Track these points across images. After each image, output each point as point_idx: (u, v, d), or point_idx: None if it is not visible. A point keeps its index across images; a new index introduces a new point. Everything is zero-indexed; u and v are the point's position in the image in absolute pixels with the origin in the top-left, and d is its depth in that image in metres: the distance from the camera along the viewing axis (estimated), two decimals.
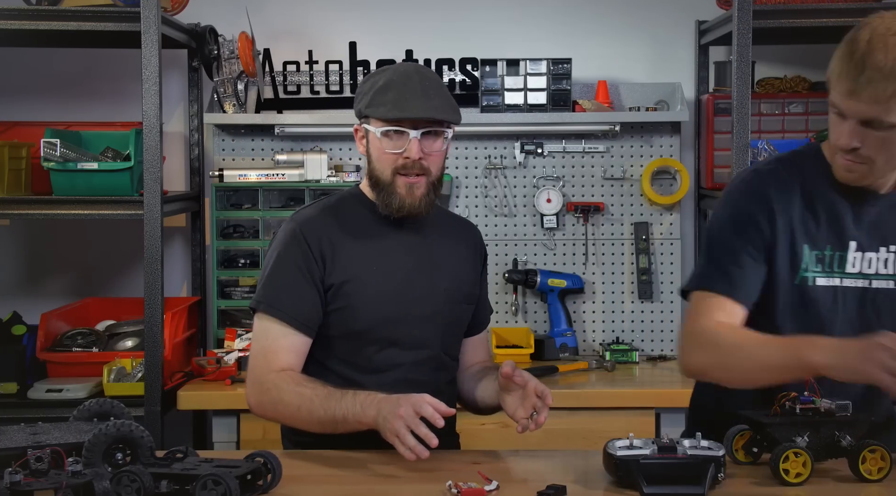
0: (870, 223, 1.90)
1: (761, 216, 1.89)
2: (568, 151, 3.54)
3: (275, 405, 1.99)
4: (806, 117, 3.42)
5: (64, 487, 1.50)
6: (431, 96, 2.04)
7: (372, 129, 2.06)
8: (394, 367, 2.10)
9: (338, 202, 2.17)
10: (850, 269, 1.89)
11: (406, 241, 2.13)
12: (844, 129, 1.76)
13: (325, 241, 2.07)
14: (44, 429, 1.75)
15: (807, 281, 1.89)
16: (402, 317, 2.10)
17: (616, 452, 1.71)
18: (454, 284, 2.18)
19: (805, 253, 1.89)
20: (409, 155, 2.04)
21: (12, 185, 3.12)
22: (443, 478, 1.81)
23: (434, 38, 3.56)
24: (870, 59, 1.71)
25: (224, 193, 3.43)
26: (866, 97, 1.71)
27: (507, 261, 3.56)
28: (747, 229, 1.89)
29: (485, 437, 2.93)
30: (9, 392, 3.08)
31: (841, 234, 1.89)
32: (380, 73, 2.10)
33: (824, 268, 1.89)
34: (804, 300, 1.90)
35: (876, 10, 3.03)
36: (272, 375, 2.00)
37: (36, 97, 3.57)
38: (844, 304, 1.89)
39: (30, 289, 3.64)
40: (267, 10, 3.56)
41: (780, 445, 1.72)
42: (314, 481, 1.79)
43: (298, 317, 2.04)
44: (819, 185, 1.91)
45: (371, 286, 2.08)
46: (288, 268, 2.05)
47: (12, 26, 3.00)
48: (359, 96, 2.11)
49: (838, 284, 1.89)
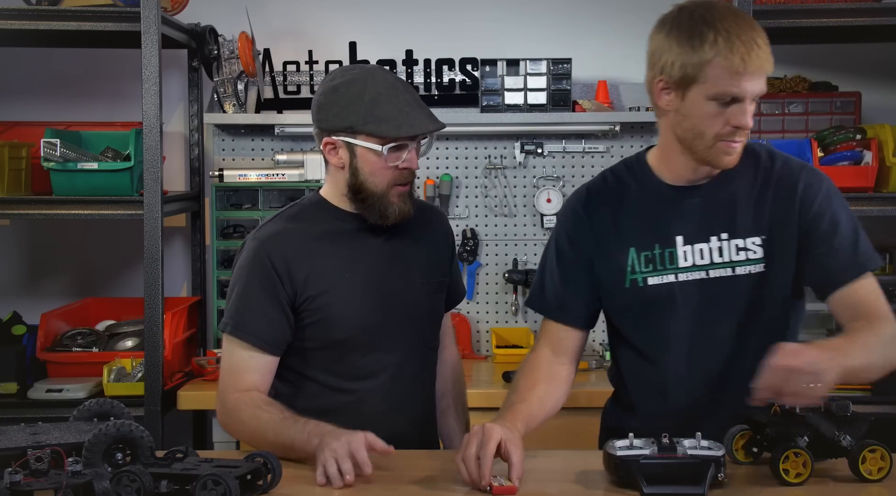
0: (695, 214, 1.92)
1: (577, 235, 1.99)
2: (568, 151, 3.54)
3: (235, 424, 2.00)
4: (806, 117, 3.42)
5: (64, 487, 1.50)
6: (423, 106, 2.04)
7: (371, 145, 1.99)
8: (380, 370, 2.09)
9: (300, 213, 2.12)
10: (682, 264, 1.91)
11: (376, 243, 2.10)
12: (738, 111, 1.80)
13: (291, 257, 2.03)
14: (44, 429, 1.75)
15: (637, 282, 1.93)
16: (383, 320, 2.08)
17: (616, 452, 1.71)
18: (428, 275, 2.16)
19: (631, 255, 1.93)
20: (411, 166, 2.03)
21: (12, 185, 3.12)
22: (442, 478, 1.81)
23: (434, 38, 3.56)
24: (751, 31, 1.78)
25: (224, 193, 3.43)
26: (759, 72, 1.78)
27: (507, 261, 3.56)
28: (569, 251, 2.00)
29: None
30: (9, 392, 3.08)
31: (667, 230, 1.93)
32: (355, 83, 2.00)
33: (655, 267, 1.92)
34: (639, 301, 1.94)
35: (876, 10, 3.05)
36: (235, 395, 2.00)
37: (36, 97, 3.57)
38: (685, 299, 1.91)
39: (30, 289, 3.64)
40: (267, 10, 3.56)
41: (780, 445, 1.72)
42: (314, 481, 1.79)
43: (263, 338, 2.02)
44: (642, 190, 1.96)
45: (346, 294, 2.05)
46: (252, 289, 2.03)
47: (12, 26, 3.00)
48: (336, 109, 2.01)
49: (674, 280, 1.92)
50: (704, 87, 1.80)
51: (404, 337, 2.11)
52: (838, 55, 3.55)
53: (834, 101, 3.46)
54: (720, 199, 1.92)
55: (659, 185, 1.95)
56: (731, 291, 1.90)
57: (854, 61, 3.57)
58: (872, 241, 1.92)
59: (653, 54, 1.87)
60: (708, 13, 1.81)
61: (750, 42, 1.77)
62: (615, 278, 1.95)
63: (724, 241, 1.90)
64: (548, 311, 2.05)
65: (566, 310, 2.03)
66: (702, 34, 1.79)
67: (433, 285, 2.18)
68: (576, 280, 2.00)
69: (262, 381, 2.03)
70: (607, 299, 1.99)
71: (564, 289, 2.01)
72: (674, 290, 1.92)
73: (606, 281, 1.97)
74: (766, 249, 1.89)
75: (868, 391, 2.94)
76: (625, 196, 1.98)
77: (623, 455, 1.70)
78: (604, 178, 2.04)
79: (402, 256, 2.12)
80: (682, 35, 1.81)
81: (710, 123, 1.83)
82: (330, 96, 2.03)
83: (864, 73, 3.57)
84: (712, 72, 1.79)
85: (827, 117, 3.44)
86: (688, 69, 1.80)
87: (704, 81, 1.80)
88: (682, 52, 1.81)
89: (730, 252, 1.90)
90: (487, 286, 3.57)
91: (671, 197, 1.94)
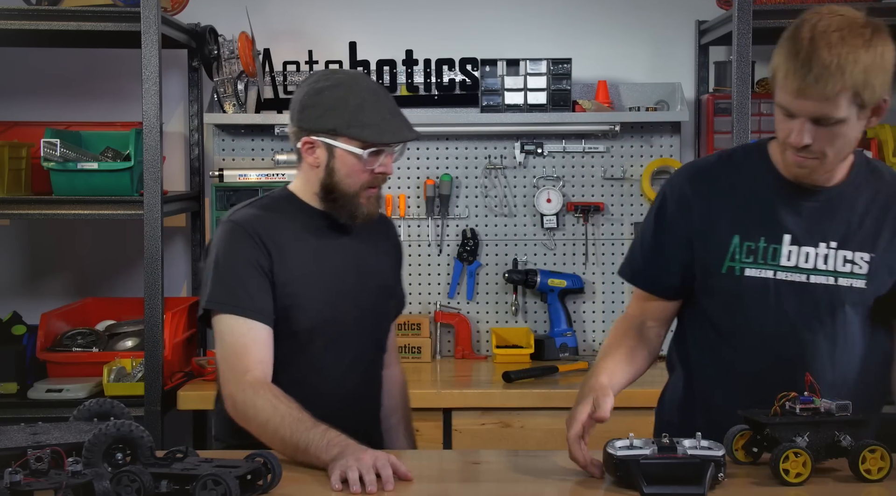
0: (809, 217, 1.90)
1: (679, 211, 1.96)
2: (568, 151, 3.54)
3: (249, 410, 1.94)
4: None
5: (64, 487, 1.50)
6: (401, 114, 2.12)
7: (351, 148, 2.05)
8: (336, 365, 2.13)
9: (271, 204, 2.16)
10: (784, 262, 1.90)
11: (337, 242, 2.16)
12: (794, 126, 1.78)
13: (268, 238, 2.06)
14: (44, 429, 1.75)
15: (734, 270, 1.91)
16: (342, 316, 2.13)
17: (616, 452, 1.71)
18: (381, 280, 2.24)
19: (734, 243, 1.91)
20: (387, 171, 2.11)
21: (12, 185, 3.12)
22: (442, 479, 1.81)
23: (434, 38, 3.56)
24: (815, 57, 1.72)
25: (224, 193, 3.43)
26: (815, 95, 1.73)
27: (507, 261, 3.56)
28: (668, 224, 1.98)
29: (485, 437, 2.94)
30: (9, 392, 3.08)
31: (776, 226, 1.91)
32: (338, 87, 2.07)
33: (756, 260, 1.90)
34: (731, 289, 1.92)
35: (876, 10, 3.05)
36: (248, 376, 1.96)
37: (36, 97, 3.57)
38: (778, 297, 1.90)
39: (30, 289, 3.64)
40: (267, 10, 3.56)
41: (780, 445, 1.72)
42: (314, 481, 1.79)
43: (258, 306, 2.01)
44: (758, 179, 1.93)
45: (312, 286, 2.09)
46: (236, 262, 2.03)
47: (12, 26, 3.00)
48: (319, 111, 2.06)
49: (771, 276, 1.90)
50: (777, 93, 1.80)
51: (359, 335, 2.17)
52: None
53: None
54: (836, 208, 1.90)
55: (777, 177, 1.92)
56: (828, 301, 1.88)
57: None
58: None
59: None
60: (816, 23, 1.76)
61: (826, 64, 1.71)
62: (713, 261, 1.93)
63: (832, 250, 1.89)
64: (637, 281, 2.07)
65: (655, 282, 2.04)
66: (792, 37, 1.76)
67: (387, 290, 2.27)
68: (668, 255, 1.99)
69: (267, 356, 2.01)
70: (701, 279, 1.97)
71: (656, 262, 2.01)
72: (769, 287, 1.90)
73: (703, 262, 1.95)
74: (872, 267, 1.88)
75: None
76: (738, 181, 1.95)
77: (623, 455, 1.70)
78: (719, 157, 2.02)
79: (361, 258, 2.19)
80: (786, 34, 1.79)
81: (779, 128, 1.83)
82: (314, 98, 2.08)
83: None
84: (778, 77, 1.78)
85: None
86: (772, 72, 1.81)
87: (776, 87, 1.80)
88: (775, 53, 1.80)
89: (835, 261, 1.88)
90: (487, 286, 3.57)
91: (788, 193, 1.91)
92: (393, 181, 3.56)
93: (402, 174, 3.56)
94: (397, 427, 2.35)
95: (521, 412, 2.94)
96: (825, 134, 1.77)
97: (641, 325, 2.05)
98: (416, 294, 3.56)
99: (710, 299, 1.97)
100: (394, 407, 2.35)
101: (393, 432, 2.34)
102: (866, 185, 1.91)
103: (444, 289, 3.56)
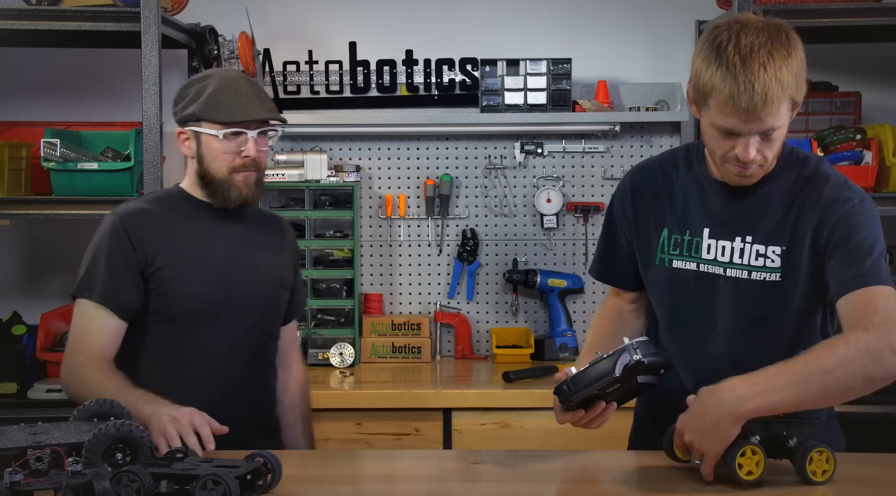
0: (728, 212, 1.96)
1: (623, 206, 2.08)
2: (568, 151, 3.54)
3: (76, 384, 2.09)
4: (806, 117, 3.42)
5: (64, 487, 1.50)
6: (263, 100, 2.23)
7: (210, 131, 2.18)
8: (217, 349, 2.20)
9: (159, 198, 2.30)
10: (705, 255, 1.96)
11: (228, 229, 2.26)
12: (739, 143, 1.82)
13: (145, 231, 2.18)
14: (44, 429, 1.75)
15: (664, 262, 2.01)
16: (226, 299, 2.21)
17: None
18: (272, 269, 2.32)
19: (664, 236, 2.01)
20: (249, 153, 2.19)
21: (12, 185, 3.12)
22: (441, 479, 1.81)
23: (434, 38, 3.57)
24: (753, 79, 1.74)
25: None
26: (762, 114, 1.76)
27: (507, 261, 3.56)
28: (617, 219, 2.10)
29: (485, 437, 2.94)
30: (9, 392, 3.08)
31: (698, 220, 1.98)
32: (204, 79, 2.22)
33: (682, 252, 1.99)
34: (663, 280, 2.02)
35: (876, 10, 3.05)
36: (82, 357, 2.10)
37: (36, 97, 3.57)
38: (701, 289, 1.96)
39: (30, 290, 3.64)
40: (267, 10, 3.56)
41: (737, 441, 1.70)
42: (314, 481, 1.79)
43: (112, 299, 2.13)
44: (690, 176, 2.02)
45: (192, 270, 2.19)
46: (104, 255, 2.16)
47: (12, 26, 3.00)
48: (186, 102, 2.21)
49: (695, 268, 1.97)
50: (709, 113, 1.82)
51: (244, 320, 2.23)
52: (838, 55, 3.55)
53: (834, 101, 3.46)
54: (753, 203, 1.94)
55: (705, 175, 2.00)
56: (743, 293, 1.93)
57: (854, 61, 3.57)
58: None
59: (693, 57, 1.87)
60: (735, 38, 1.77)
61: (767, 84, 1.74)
62: (648, 254, 2.04)
63: (747, 244, 1.93)
64: (601, 277, 2.19)
65: (614, 275, 2.16)
66: (717, 58, 1.78)
67: (277, 279, 2.33)
68: (620, 249, 2.11)
69: (110, 345, 2.14)
70: (642, 270, 2.08)
71: (611, 256, 2.13)
72: (693, 279, 1.97)
73: (642, 254, 2.06)
74: (784, 260, 1.90)
75: None
76: (672, 179, 2.04)
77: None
78: (661, 156, 2.12)
79: (249, 245, 2.28)
80: (706, 51, 1.80)
81: (717, 145, 1.86)
82: (182, 91, 2.25)
83: (864, 73, 3.57)
84: (714, 102, 1.80)
85: (827, 117, 3.44)
86: (699, 90, 1.82)
87: (709, 108, 1.82)
88: (699, 71, 1.81)
89: (749, 256, 1.93)
90: (487, 286, 3.57)
91: (711, 189, 1.99)
92: (393, 181, 3.56)
93: (402, 174, 3.56)
94: (295, 425, 2.41)
95: (521, 412, 2.94)
96: (765, 143, 1.83)
97: (618, 313, 2.16)
98: (416, 294, 3.56)
99: (651, 291, 2.08)
100: (292, 405, 2.42)
101: (291, 429, 2.40)
102: (786, 178, 1.94)
103: (444, 289, 3.56)
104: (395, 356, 3.38)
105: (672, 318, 2.02)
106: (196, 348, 2.19)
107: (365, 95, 3.55)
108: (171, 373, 2.17)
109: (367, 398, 2.96)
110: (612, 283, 2.17)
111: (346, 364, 3.29)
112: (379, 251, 3.56)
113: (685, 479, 1.76)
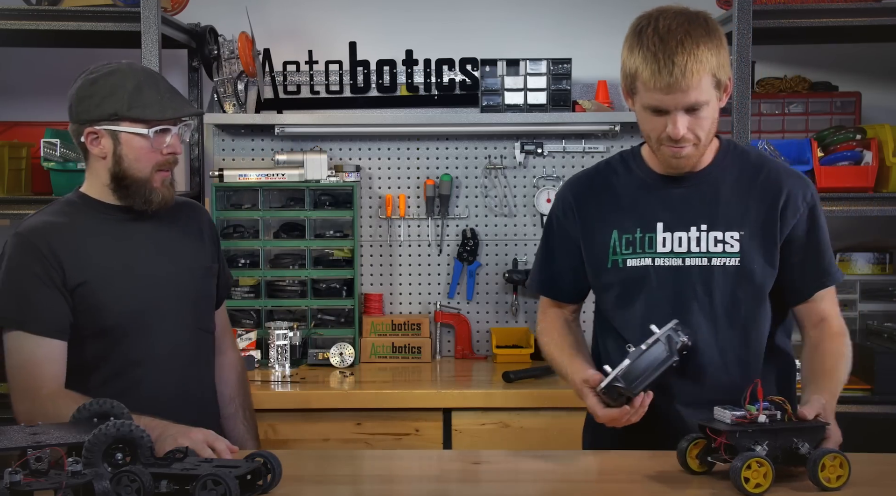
0: (679, 204, 2.01)
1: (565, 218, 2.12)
2: (568, 151, 3.54)
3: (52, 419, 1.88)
4: (806, 117, 3.42)
5: (64, 487, 1.50)
6: (180, 94, 2.15)
7: (135, 130, 2.06)
8: (156, 354, 2.11)
9: (62, 207, 2.15)
10: (660, 249, 1.99)
11: (143, 231, 2.15)
12: (668, 121, 1.89)
13: (56, 247, 2.04)
14: (44, 429, 1.74)
15: (617, 263, 2.04)
16: (154, 304, 2.11)
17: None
18: (197, 261, 2.24)
19: (614, 237, 2.04)
20: (175, 150, 2.11)
21: (12, 185, 3.12)
22: (441, 479, 1.81)
23: (434, 38, 3.57)
24: (673, 54, 1.84)
25: (224, 193, 3.43)
26: (684, 86, 1.85)
27: (507, 261, 3.56)
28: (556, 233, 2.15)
29: (485, 437, 2.94)
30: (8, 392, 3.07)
31: (649, 216, 2.02)
32: (111, 75, 2.09)
33: (635, 250, 2.02)
34: (619, 281, 2.04)
35: (876, 10, 3.05)
36: (43, 392, 1.97)
37: (36, 97, 3.57)
38: (658, 283, 2.00)
39: None
40: (267, 10, 3.56)
41: (742, 454, 1.69)
42: (314, 481, 1.79)
43: (49, 324, 2.01)
44: (631, 178, 2.08)
45: (113, 281, 2.07)
46: (25, 279, 2.02)
47: (12, 26, 3.00)
48: (96, 100, 2.08)
49: (650, 264, 2.00)
50: (639, 96, 1.92)
51: (178, 320, 2.15)
52: (838, 55, 3.55)
53: (834, 101, 3.46)
54: (704, 192, 2.01)
55: (648, 173, 2.06)
56: (705, 281, 1.97)
57: (854, 61, 3.57)
58: (872, 240, 1.95)
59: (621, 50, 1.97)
60: (654, 22, 1.89)
61: (685, 57, 1.83)
62: (599, 259, 2.07)
63: (703, 233, 1.98)
64: (539, 289, 2.23)
65: (554, 288, 2.20)
66: (639, 43, 1.88)
67: (202, 269, 2.25)
68: (562, 261, 2.15)
69: (60, 371, 2.02)
70: (593, 279, 2.11)
71: (550, 269, 2.18)
72: (649, 274, 2.00)
73: (591, 262, 2.09)
74: (743, 244, 1.97)
75: (868, 391, 2.93)
76: (613, 182, 2.09)
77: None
78: (596, 166, 2.18)
79: (168, 243, 2.18)
80: (630, 40, 1.93)
81: (650, 128, 1.94)
82: (90, 89, 2.10)
83: (864, 73, 3.57)
84: (640, 83, 1.89)
85: (827, 117, 3.45)
86: (627, 76, 1.93)
87: (638, 91, 1.91)
88: (625, 59, 1.93)
89: (707, 243, 1.98)
90: (487, 286, 3.57)
91: (657, 185, 2.04)
92: (393, 181, 3.56)
93: (402, 174, 3.56)
94: (235, 415, 2.33)
95: (521, 412, 2.94)
96: (695, 120, 1.90)
97: (565, 321, 2.21)
98: (416, 294, 3.56)
99: (604, 296, 2.11)
100: (231, 394, 2.34)
101: (231, 421, 2.32)
102: (732, 167, 2.03)
103: (444, 289, 3.56)
104: (395, 356, 3.39)
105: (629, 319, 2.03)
106: (132, 358, 2.09)
107: (365, 95, 3.55)
108: (113, 383, 2.05)
109: (367, 398, 2.96)
110: (553, 296, 2.21)
111: (346, 364, 3.29)
112: (379, 251, 3.56)
113: (686, 480, 1.76)
